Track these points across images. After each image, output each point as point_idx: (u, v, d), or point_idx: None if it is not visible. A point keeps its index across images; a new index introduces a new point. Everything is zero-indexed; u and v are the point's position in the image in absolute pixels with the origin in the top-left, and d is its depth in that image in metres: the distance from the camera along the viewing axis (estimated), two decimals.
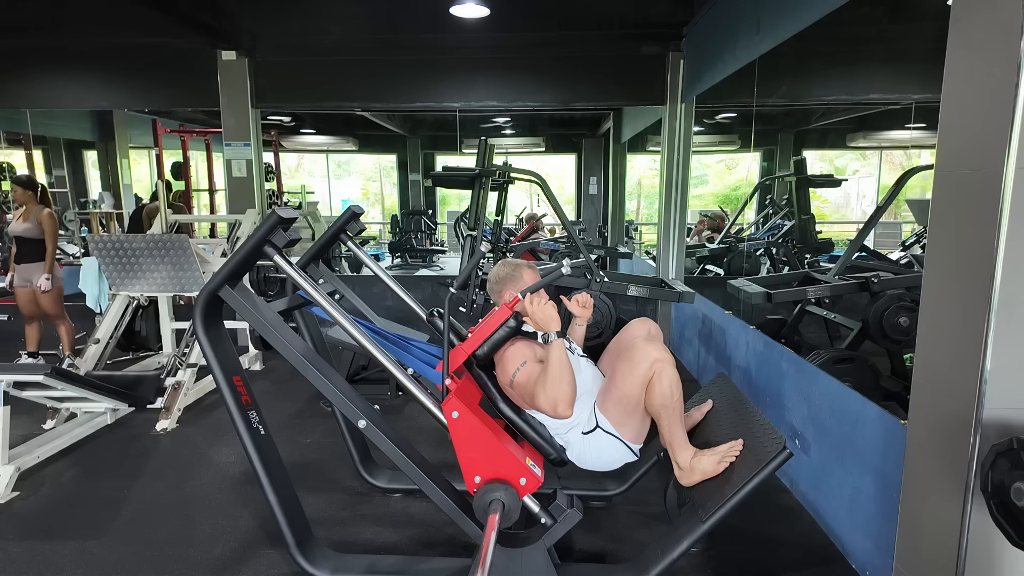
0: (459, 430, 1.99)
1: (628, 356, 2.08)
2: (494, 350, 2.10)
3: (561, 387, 1.97)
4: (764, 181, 8.21)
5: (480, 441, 1.99)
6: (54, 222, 4.45)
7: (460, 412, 1.99)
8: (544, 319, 2.05)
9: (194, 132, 7.64)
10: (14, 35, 5.20)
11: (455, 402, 1.99)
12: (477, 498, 1.98)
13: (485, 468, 2.00)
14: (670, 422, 2.06)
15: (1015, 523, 1.32)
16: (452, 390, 2.02)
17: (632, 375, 2.04)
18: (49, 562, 2.31)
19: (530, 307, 2.06)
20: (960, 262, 1.57)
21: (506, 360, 2.13)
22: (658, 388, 2.03)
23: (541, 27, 5.06)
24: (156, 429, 3.55)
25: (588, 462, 2.19)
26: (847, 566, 2.28)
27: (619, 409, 2.09)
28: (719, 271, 6.79)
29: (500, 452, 2.00)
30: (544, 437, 2.16)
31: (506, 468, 2.00)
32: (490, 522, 1.88)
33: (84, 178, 8.23)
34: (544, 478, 2.03)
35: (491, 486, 1.97)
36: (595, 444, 2.13)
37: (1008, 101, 1.41)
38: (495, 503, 1.94)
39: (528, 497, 2.04)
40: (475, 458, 2.00)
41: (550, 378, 1.97)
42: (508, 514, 1.94)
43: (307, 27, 5.08)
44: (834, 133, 8.23)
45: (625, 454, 2.15)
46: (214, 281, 2.03)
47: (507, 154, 9.86)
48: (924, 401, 1.73)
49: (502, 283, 2.32)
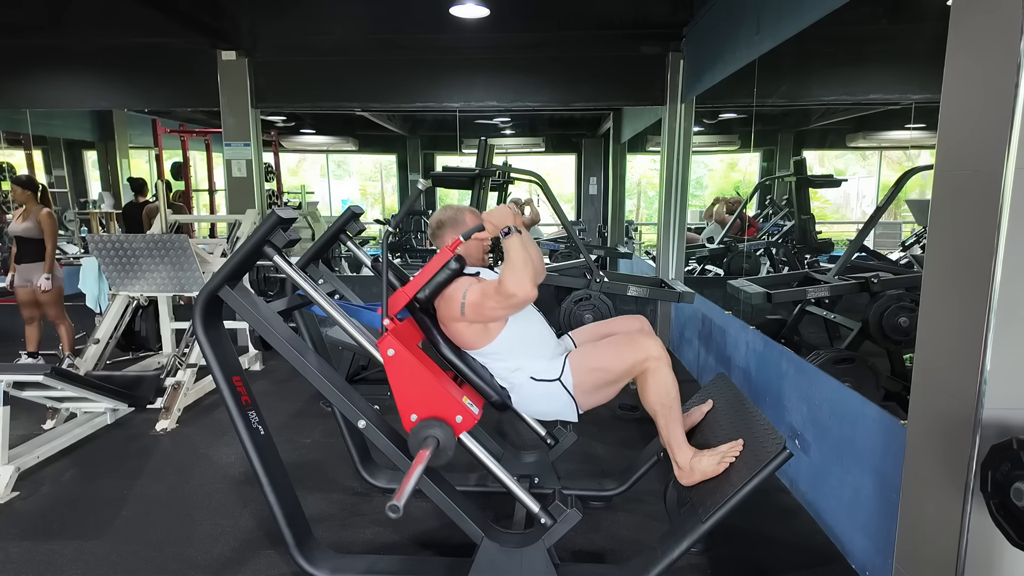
0: (395, 368, 2.00)
1: (628, 340, 2.10)
2: (436, 293, 2.08)
3: (528, 269, 1.95)
4: (764, 181, 8.22)
5: (416, 379, 2.00)
6: (54, 222, 4.45)
7: (396, 350, 1.99)
8: (498, 217, 2.03)
9: (194, 132, 7.63)
10: (14, 35, 5.19)
11: (390, 340, 1.99)
12: (412, 435, 1.98)
13: (421, 406, 2.00)
14: (668, 421, 2.07)
15: (1015, 523, 1.32)
16: (389, 329, 2.01)
17: (625, 357, 2.05)
18: (49, 562, 2.31)
19: (486, 216, 2.05)
20: (960, 262, 1.57)
21: (450, 295, 2.09)
22: (654, 387, 2.03)
23: (541, 27, 5.06)
24: (156, 429, 3.55)
25: (530, 408, 2.20)
26: (847, 566, 2.28)
27: (592, 377, 2.10)
28: (719, 271, 6.79)
29: (436, 390, 2.00)
30: (486, 380, 2.16)
31: (442, 406, 2.00)
32: (420, 455, 1.89)
33: (84, 178, 8.22)
34: (481, 416, 2.04)
35: (426, 423, 1.98)
36: (545, 392, 2.13)
37: (1008, 101, 1.41)
38: (429, 439, 1.94)
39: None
40: (411, 396, 2.00)
41: (514, 265, 1.95)
42: (443, 451, 1.95)
43: (307, 27, 5.08)
44: (834, 133, 8.22)
45: (569, 413, 2.16)
46: (214, 281, 2.03)
47: (507, 154, 9.86)
48: (924, 401, 1.73)
49: (445, 226, 2.32)
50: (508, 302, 1.98)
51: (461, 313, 2.06)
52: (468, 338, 2.14)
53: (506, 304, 2.00)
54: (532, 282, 1.96)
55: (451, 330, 2.15)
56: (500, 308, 2.03)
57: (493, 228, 2.04)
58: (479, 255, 2.32)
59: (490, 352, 2.16)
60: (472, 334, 2.12)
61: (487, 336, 2.13)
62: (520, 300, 1.96)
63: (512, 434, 3.51)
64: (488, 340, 2.14)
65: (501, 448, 2.85)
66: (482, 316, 2.07)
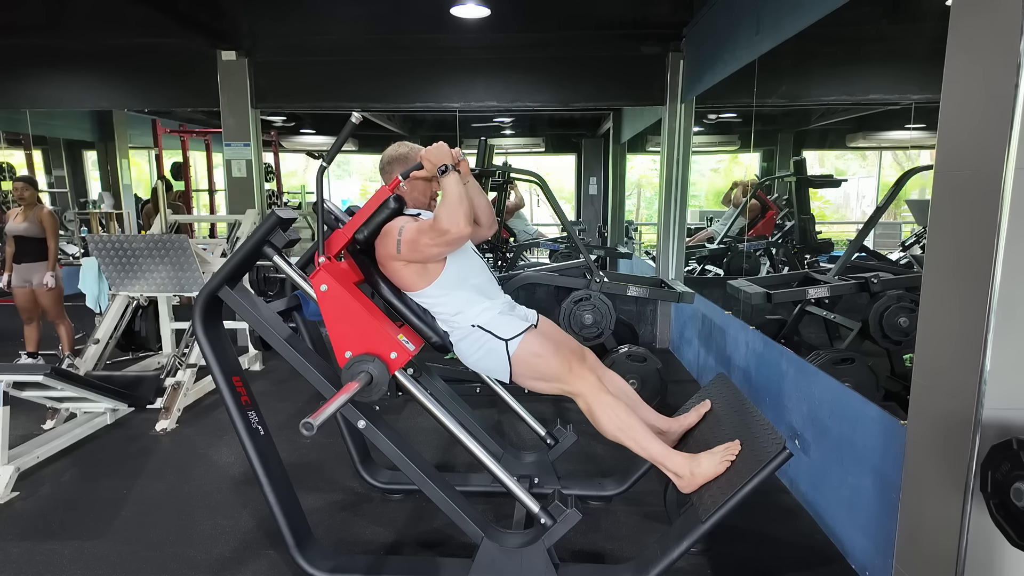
0: (328, 304, 1.99)
1: (573, 359, 2.09)
2: (375, 233, 2.06)
3: (462, 206, 1.92)
4: (764, 181, 8.21)
5: (349, 315, 1.99)
6: (55, 220, 4.46)
7: (329, 286, 1.98)
8: (435, 154, 1.99)
9: (194, 132, 7.63)
10: (14, 35, 5.19)
11: (323, 275, 1.98)
12: (345, 370, 1.98)
13: (355, 342, 2.00)
14: (635, 441, 2.02)
15: (1015, 523, 1.32)
16: (322, 266, 2.00)
17: (561, 368, 2.06)
18: (48, 562, 2.31)
19: (424, 152, 2.02)
20: (960, 262, 1.57)
21: (387, 233, 2.06)
22: (602, 417, 2.02)
23: (541, 27, 5.06)
24: (156, 429, 3.55)
25: (466, 355, 2.16)
26: (847, 566, 2.28)
27: (531, 360, 2.08)
28: (719, 271, 6.78)
29: (370, 326, 1.99)
30: (426, 322, 2.14)
31: (376, 342, 1.99)
32: (347, 386, 1.89)
33: (84, 178, 8.22)
34: (415, 354, 2.04)
35: (360, 358, 1.98)
36: (487, 346, 2.10)
37: (1008, 102, 1.41)
38: (363, 375, 1.95)
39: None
40: (345, 332, 2.00)
41: (449, 201, 1.92)
42: (376, 386, 1.95)
43: (307, 27, 5.08)
44: (834, 133, 8.22)
45: (502, 373, 2.12)
46: (214, 281, 2.03)
47: (507, 154, 9.86)
48: (924, 401, 1.73)
49: (394, 164, 2.25)
50: (442, 239, 1.94)
51: (397, 251, 2.03)
52: (406, 278, 2.10)
53: (440, 241, 1.95)
54: (467, 219, 1.92)
55: (389, 269, 2.12)
56: (434, 245, 1.98)
57: (431, 166, 2.00)
58: (425, 198, 2.27)
59: (429, 294, 2.13)
60: (410, 274, 2.09)
61: (426, 277, 2.10)
62: (454, 237, 1.93)
63: (512, 434, 3.51)
64: (428, 281, 2.10)
65: (501, 448, 2.85)
66: (418, 254, 2.02)
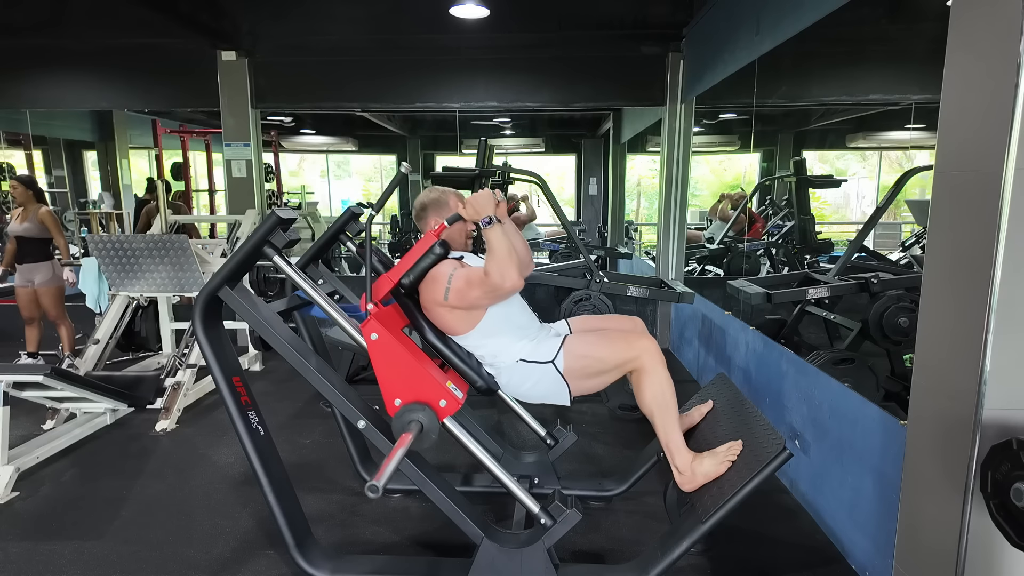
0: (378, 352, 2.00)
1: (623, 334, 2.10)
2: (420, 278, 2.07)
3: (513, 259, 1.93)
4: (764, 181, 8.21)
5: (399, 363, 2.00)
6: (55, 218, 4.45)
7: (379, 334, 1.99)
8: (481, 204, 1.99)
9: (194, 132, 7.63)
10: (14, 35, 5.19)
11: (374, 324, 1.99)
12: (395, 419, 1.98)
13: (405, 390, 2.00)
14: (664, 423, 2.06)
15: (1015, 523, 1.32)
16: (372, 314, 2.01)
17: (617, 350, 2.05)
18: (48, 562, 2.31)
19: (468, 200, 2.02)
20: (960, 262, 1.57)
21: (434, 279, 2.07)
22: (649, 387, 2.03)
23: (541, 27, 5.06)
24: (156, 429, 3.55)
25: (518, 390, 2.18)
26: (847, 566, 2.28)
27: (582, 363, 2.10)
28: (719, 271, 6.78)
29: (419, 374, 1.99)
30: (472, 366, 2.15)
31: (425, 390, 1.99)
32: (402, 439, 1.90)
33: (84, 178, 8.22)
34: (465, 400, 2.04)
35: (410, 407, 1.98)
36: (536, 374, 2.12)
37: (1008, 102, 1.41)
38: (413, 423, 1.95)
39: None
40: (395, 381, 2.00)
41: (499, 256, 1.92)
42: (426, 434, 1.95)
43: (307, 27, 5.08)
44: (834, 134, 8.22)
45: (561, 396, 2.14)
46: (214, 282, 2.03)
47: (507, 155, 9.86)
48: (924, 401, 1.73)
49: (428, 209, 2.28)
50: (495, 293, 1.98)
51: (445, 299, 2.05)
52: (451, 323, 2.13)
53: (492, 295, 1.99)
54: (519, 272, 1.94)
55: (434, 315, 2.13)
56: (485, 298, 2.02)
57: (475, 215, 2.01)
58: (462, 239, 2.30)
59: (474, 337, 2.15)
60: (455, 319, 2.11)
61: (470, 321, 2.12)
62: (507, 291, 1.95)
63: (512, 434, 3.51)
64: (472, 325, 2.12)
65: (501, 448, 2.85)
66: (466, 303, 2.05)
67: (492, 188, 2.06)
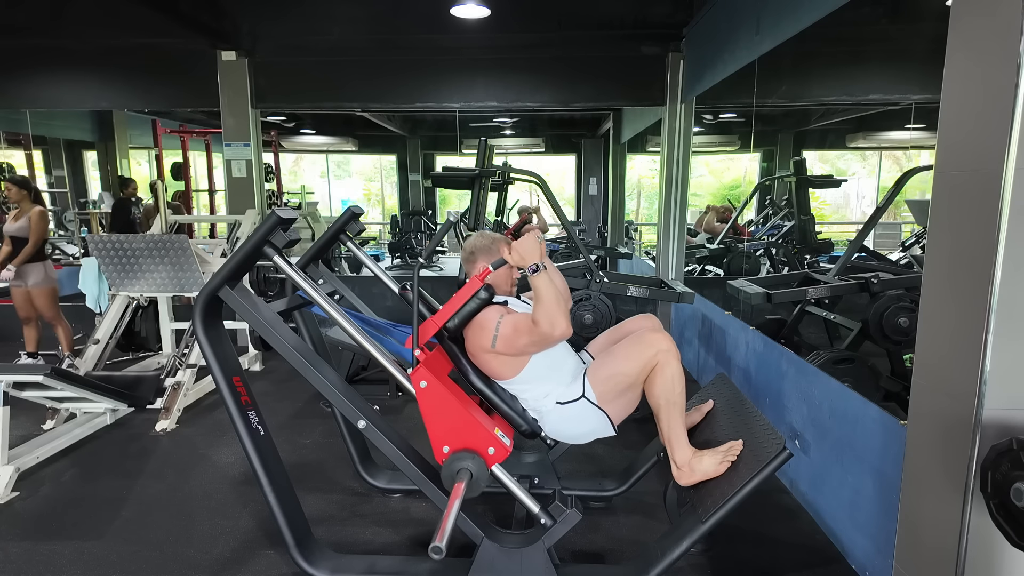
0: (427, 400, 1.99)
1: (636, 338, 2.09)
2: (465, 322, 2.07)
3: (561, 306, 1.94)
4: (764, 181, 8.22)
5: (448, 411, 1.99)
6: (40, 221, 4.40)
7: (428, 382, 1.99)
8: (526, 251, 2.00)
9: (194, 132, 7.64)
10: (14, 35, 5.19)
11: (423, 372, 1.98)
12: (445, 467, 1.98)
13: (453, 438, 2.00)
14: (669, 416, 2.06)
15: (1015, 523, 1.32)
16: (421, 360, 2.01)
17: (635, 357, 2.05)
18: (48, 562, 2.31)
19: (514, 247, 2.03)
20: (960, 262, 1.57)
21: (481, 325, 2.08)
22: (660, 379, 2.03)
23: (541, 27, 5.06)
24: (156, 429, 3.55)
25: (563, 433, 2.19)
26: (847, 566, 2.28)
27: (610, 385, 2.09)
28: (719, 271, 6.78)
29: (468, 422, 1.99)
30: (516, 410, 2.15)
31: (474, 438, 1.99)
32: (455, 489, 1.89)
33: (84, 178, 8.23)
34: (512, 448, 2.03)
35: (459, 455, 1.97)
36: (574, 414, 2.12)
37: (1008, 102, 1.41)
38: (463, 472, 1.94)
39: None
40: (443, 428, 2.00)
41: (547, 304, 1.92)
42: (476, 483, 1.95)
43: (307, 27, 5.08)
44: (834, 134, 8.23)
45: (604, 427, 2.14)
46: (214, 281, 2.02)
47: (507, 155, 9.86)
48: (924, 401, 1.73)
49: (477, 254, 2.30)
50: (544, 341, 1.98)
51: (492, 345, 2.06)
52: (497, 368, 2.13)
53: (542, 343, 2.00)
54: (567, 319, 1.95)
55: (480, 360, 2.14)
56: (534, 346, 2.03)
57: (521, 262, 2.02)
58: (507, 285, 2.31)
59: (519, 381, 2.15)
60: (500, 364, 2.11)
61: (516, 366, 2.12)
62: (557, 339, 1.97)
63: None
64: (518, 370, 2.12)
65: None
66: (514, 350, 2.06)
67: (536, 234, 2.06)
